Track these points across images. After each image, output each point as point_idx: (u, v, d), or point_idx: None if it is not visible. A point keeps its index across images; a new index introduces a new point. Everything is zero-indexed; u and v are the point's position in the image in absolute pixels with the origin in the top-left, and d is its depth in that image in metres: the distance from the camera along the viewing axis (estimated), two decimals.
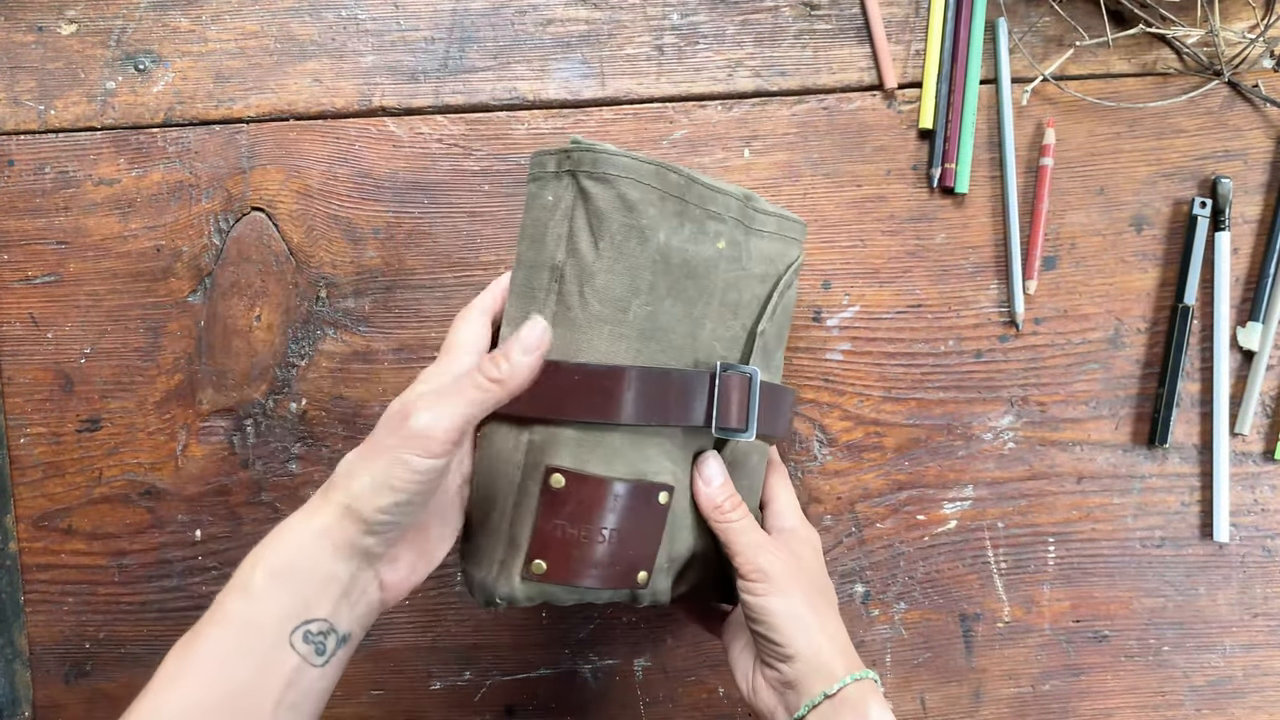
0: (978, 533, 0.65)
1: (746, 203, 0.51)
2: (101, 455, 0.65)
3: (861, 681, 0.47)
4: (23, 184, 0.65)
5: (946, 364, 0.65)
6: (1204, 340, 0.64)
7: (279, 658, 0.40)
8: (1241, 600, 0.64)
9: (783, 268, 0.53)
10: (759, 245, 0.52)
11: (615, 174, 0.46)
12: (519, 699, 0.65)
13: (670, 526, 0.49)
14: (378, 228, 0.65)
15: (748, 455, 0.53)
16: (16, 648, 0.65)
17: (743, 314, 0.52)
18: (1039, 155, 0.64)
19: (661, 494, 0.48)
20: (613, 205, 0.46)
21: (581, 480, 0.46)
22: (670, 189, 0.47)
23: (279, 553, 0.42)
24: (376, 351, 0.65)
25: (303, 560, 0.41)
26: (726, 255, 0.50)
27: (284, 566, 0.41)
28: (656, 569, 0.49)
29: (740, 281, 0.51)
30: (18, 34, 0.65)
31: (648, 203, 0.47)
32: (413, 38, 0.65)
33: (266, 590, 0.41)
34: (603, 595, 0.48)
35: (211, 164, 0.65)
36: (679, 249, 0.48)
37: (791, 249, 0.54)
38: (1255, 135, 0.65)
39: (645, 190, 0.47)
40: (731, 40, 0.65)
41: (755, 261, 0.52)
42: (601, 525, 0.46)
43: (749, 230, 0.52)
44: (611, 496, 0.46)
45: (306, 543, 0.42)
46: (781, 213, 0.53)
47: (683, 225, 0.48)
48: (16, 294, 0.65)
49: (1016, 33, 0.65)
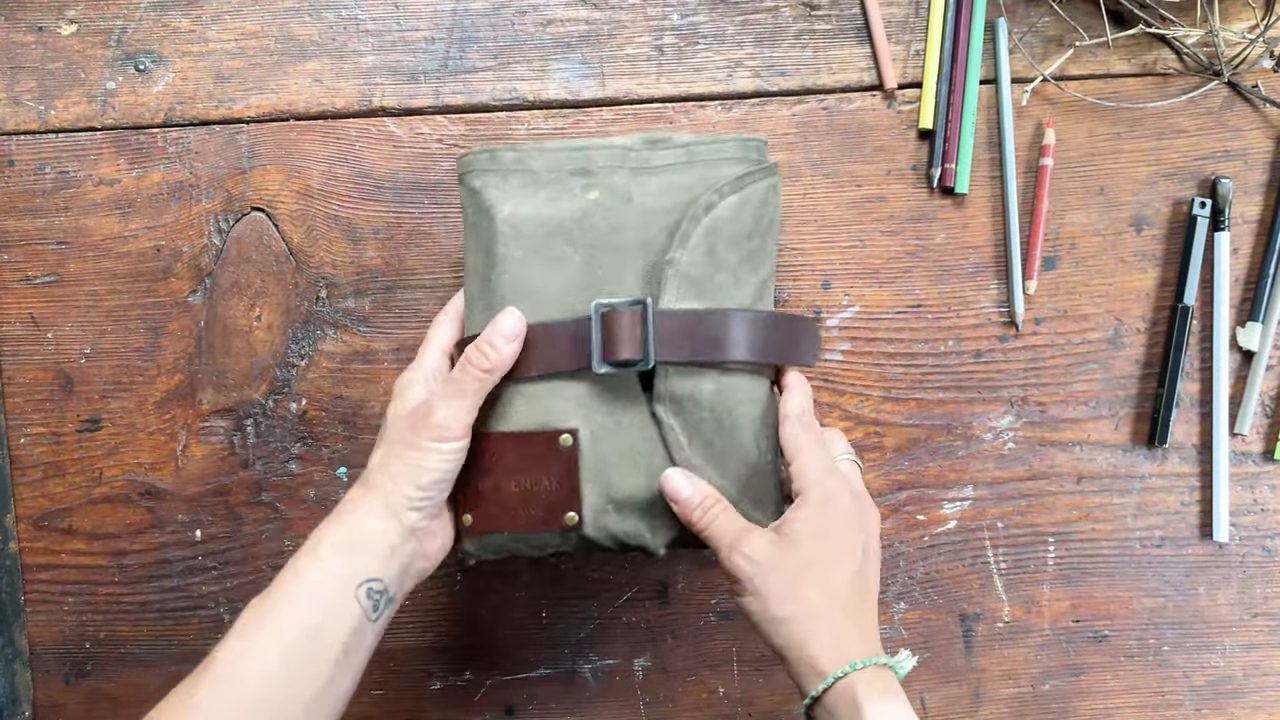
0: (977, 533, 0.65)
1: (640, 148, 0.53)
2: (102, 455, 0.65)
3: (855, 674, 0.44)
4: (23, 184, 0.65)
5: (946, 364, 0.65)
6: (1204, 340, 0.64)
7: (345, 607, 0.47)
8: (1241, 600, 0.65)
9: (702, 191, 0.52)
10: (657, 181, 0.53)
11: (464, 172, 0.54)
12: (519, 699, 0.65)
13: (596, 468, 0.51)
14: (378, 228, 0.65)
15: (730, 409, 0.52)
16: (16, 648, 0.65)
17: (654, 250, 0.52)
18: (1039, 155, 0.64)
19: (562, 437, 0.51)
20: (467, 199, 0.54)
21: (483, 438, 0.52)
22: (508, 165, 0.53)
23: (339, 529, 0.49)
24: (376, 351, 0.65)
25: (360, 533, 0.49)
26: (604, 203, 0.52)
27: (346, 539, 0.49)
28: (591, 509, 0.51)
29: (633, 222, 0.52)
30: (18, 34, 0.65)
31: (488, 185, 0.53)
32: (413, 38, 0.65)
33: (333, 555, 0.48)
34: (543, 539, 0.52)
35: (211, 164, 0.65)
36: (530, 216, 0.52)
37: (720, 169, 0.53)
38: (1255, 135, 0.65)
39: (483, 175, 0.53)
40: (731, 40, 0.65)
41: (655, 197, 0.52)
42: (508, 475, 0.52)
43: (637, 171, 0.53)
44: (510, 448, 0.52)
45: (362, 519, 0.49)
46: (700, 139, 0.53)
47: (535, 192, 0.53)
48: (17, 294, 0.65)
49: (1016, 33, 0.65)
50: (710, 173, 0.53)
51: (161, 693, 0.46)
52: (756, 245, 0.54)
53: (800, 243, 0.65)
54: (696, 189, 0.53)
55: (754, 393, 0.53)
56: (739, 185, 0.53)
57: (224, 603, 0.65)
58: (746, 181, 0.53)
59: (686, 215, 0.52)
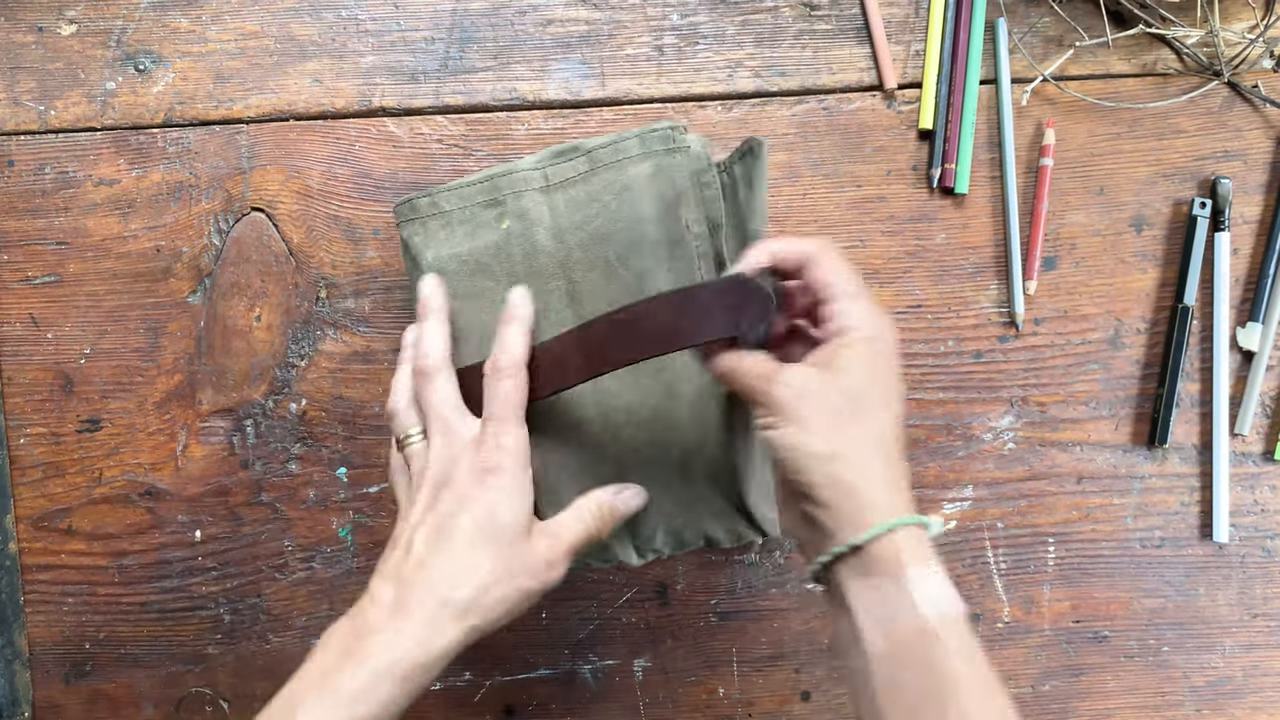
0: (977, 533, 0.65)
1: (547, 163, 0.52)
2: (101, 455, 0.65)
3: (899, 532, 0.39)
4: (23, 184, 0.65)
5: (946, 364, 0.65)
6: (1204, 340, 0.64)
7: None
8: (1241, 600, 0.64)
9: (609, 198, 0.51)
10: (564, 197, 0.52)
11: (398, 225, 0.55)
12: (519, 699, 0.65)
13: (548, 492, 0.51)
14: (378, 228, 0.65)
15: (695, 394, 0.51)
16: (16, 648, 0.65)
17: (572, 268, 0.51)
18: (1039, 155, 0.64)
19: None
20: (404, 252, 0.55)
21: None
22: (423, 211, 0.54)
23: (364, 645, 0.44)
24: (376, 352, 0.65)
25: (409, 663, 0.44)
26: (515, 231, 0.52)
27: (387, 667, 0.43)
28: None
29: (546, 245, 0.51)
30: (18, 34, 0.65)
31: (414, 235, 0.54)
32: (413, 38, 0.65)
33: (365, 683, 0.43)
34: None
35: (211, 164, 0.65)
36: (450, 257, 0.53)
37: (625, 170, 0.51)
38: (1255, 135, 0.65)
39: (408, 225, 0.54)
40: (731, 41, 0.65)
41: (565, 214, 0.52)
42: None
43: (546, 190, 0.52)
44: None
45: (411, 645, 0.44)
46: (604, 141, 0.52)
47: (453, 232, 0.53)
48: (16, 294, 0.65)
49: (1016, 33, 0.65)
50: (615, 177, 0.52)
51: (162, 693, 0.46)
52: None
53: None
54: (603, 197, 0.51)
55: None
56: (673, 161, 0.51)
57: (224, 603, 0.65)
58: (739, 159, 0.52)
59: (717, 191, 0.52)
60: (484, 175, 0.53)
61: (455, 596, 0.45)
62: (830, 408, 0.41)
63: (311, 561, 0.65)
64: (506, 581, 0.45)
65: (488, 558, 0.45)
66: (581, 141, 0.53)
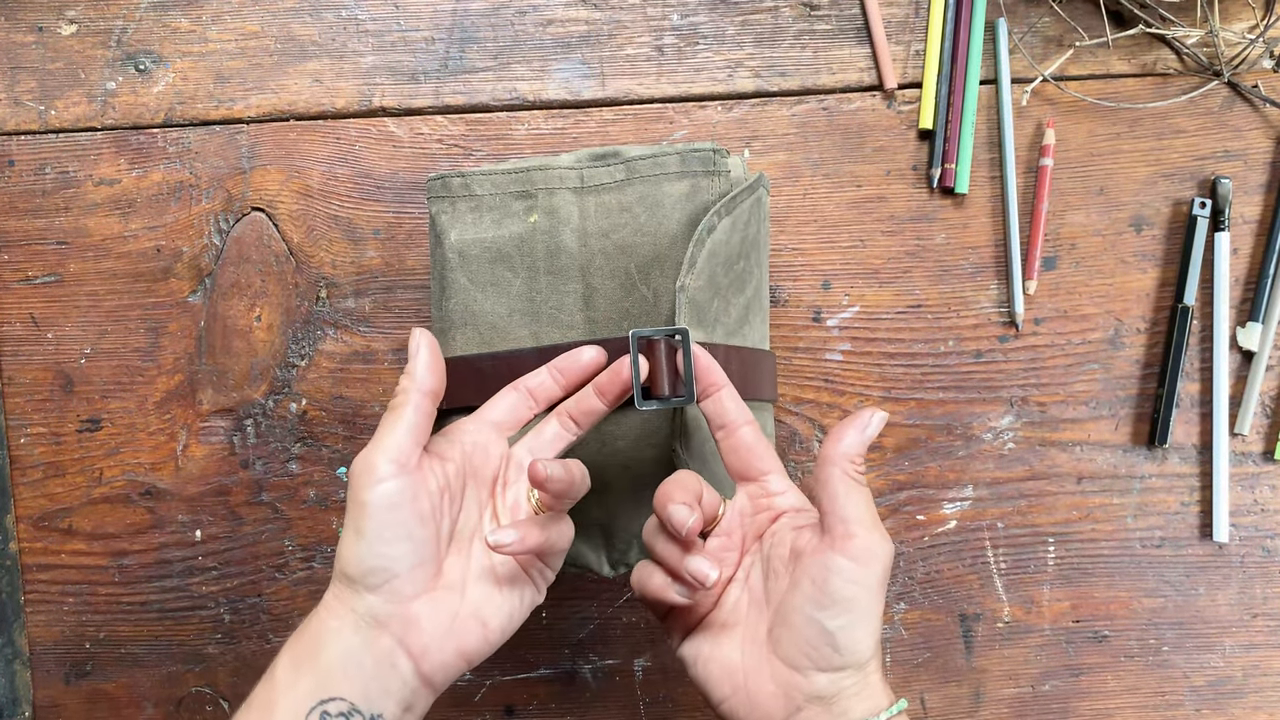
0: (977, 533, 0.65)
1: (585, 165, 0.52)
2: (102, 455, 0.65)
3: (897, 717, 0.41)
4: (23, 184, 0.65)
5: (946, 364, 0.65)
6: (1204, 340, 0.64)
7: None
8: (1241, 600, 0.64)
9: (641, 212, 0.51)
10: (596, 201, 0.52)
11: (427, 197, 0.54)
12: (519, 699, 0.65)
13: None
14: (378, 228, 0.65)
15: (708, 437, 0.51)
16: (16, 648, 0.65)
17: (591, 274, 0.51)
18: (1039, 155, 0.64)
19: None
20: (430, 225, 0.54)
21: None
22: (455, 191, 0.53)
23: (300, 638, 0.43)
24: (376, 351, 0.65)
25: (318, 641, 0.42)
26: (541, 227, 0.52)
27: (303, 650, 0.42)
28: None
29: (570, 246, 0.51)
30: (18, 34, 0.65)
31: (441, 212, 0.54)
32: (413, 38, 0.65)
33: (286, 674, 0.42)
34: None
35: (212, 164, 0.65)
36: (474, 241, 0.53)
37: (661, 187, 0.51)
38: (1255, 135, 0.65)
39: (438, 202, 0.54)
40: (731, 41, 0.65)
41: (593, 219, 0.51)
42: None
43: (580, 191, 0.52)
44: None
45: (321, 622, 0.43)
46: (646, 153, 0.51)
47: (480, 217, 0.53)
48: (17, 294, 0.65)
49: (1016, 33, 0.65)
50: (649, 190, 0.51)
51: (162, 692, 0.46)
52: (741, 268, 0.53)
53: (800, 243, 0.65)
54: (635, 208, 0.51)
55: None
56: (731, 206, 0.51)
57: (224, 603, 0.65)
58: (736, 202, 0.52)
59: (694, 239, 0.50)
60: (520, 165, 0.53)
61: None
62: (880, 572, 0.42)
63: (311, 561, 0.65)
64: None
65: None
66: (622, 148, 0.52)
